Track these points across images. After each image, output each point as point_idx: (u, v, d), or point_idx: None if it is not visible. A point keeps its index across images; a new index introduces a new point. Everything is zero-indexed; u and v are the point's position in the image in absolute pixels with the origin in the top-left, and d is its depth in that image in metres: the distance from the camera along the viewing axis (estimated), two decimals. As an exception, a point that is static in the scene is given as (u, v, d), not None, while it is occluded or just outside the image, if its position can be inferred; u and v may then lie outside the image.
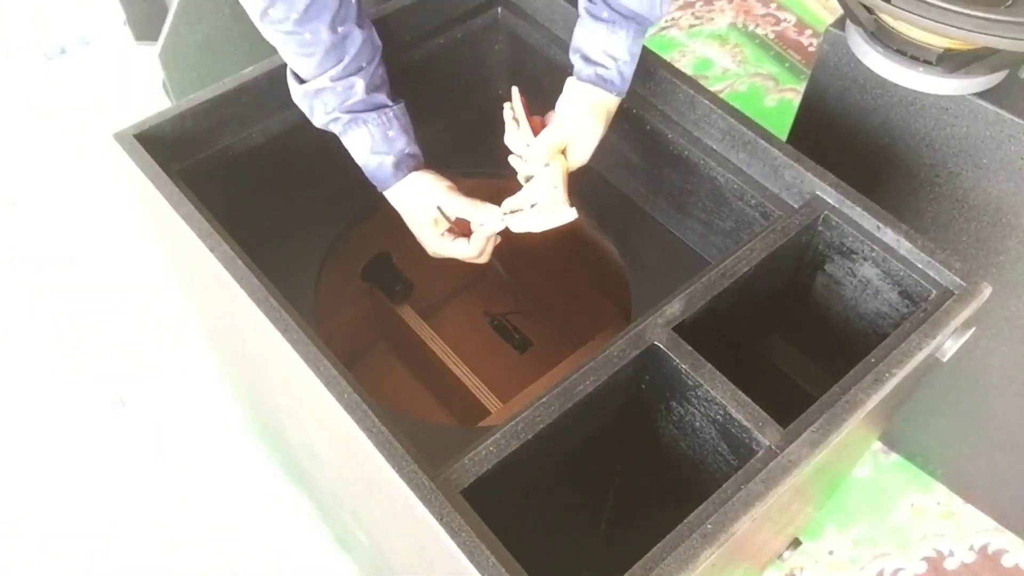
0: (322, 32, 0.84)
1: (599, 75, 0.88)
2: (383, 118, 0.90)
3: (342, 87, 0.87)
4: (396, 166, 0.92)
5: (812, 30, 2.06)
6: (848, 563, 1.31)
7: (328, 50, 0.85)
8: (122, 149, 0.85)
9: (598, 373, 0.71)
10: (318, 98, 0.88)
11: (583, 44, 0.89)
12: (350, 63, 0.86)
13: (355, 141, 0.90)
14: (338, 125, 0.90)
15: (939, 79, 0.91)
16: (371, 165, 0.92)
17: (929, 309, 0.76)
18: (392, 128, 0.91)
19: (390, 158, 0.91)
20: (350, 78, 0.87)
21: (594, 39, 0.88)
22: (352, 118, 0.89)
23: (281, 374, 0.81)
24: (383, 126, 0.91)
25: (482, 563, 0.60)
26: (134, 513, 1.35)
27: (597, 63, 0.88)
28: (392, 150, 0.91)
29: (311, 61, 0.85)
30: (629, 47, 0.87)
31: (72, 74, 1.96)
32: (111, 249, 1.66)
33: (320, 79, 0.86)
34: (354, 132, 0.90)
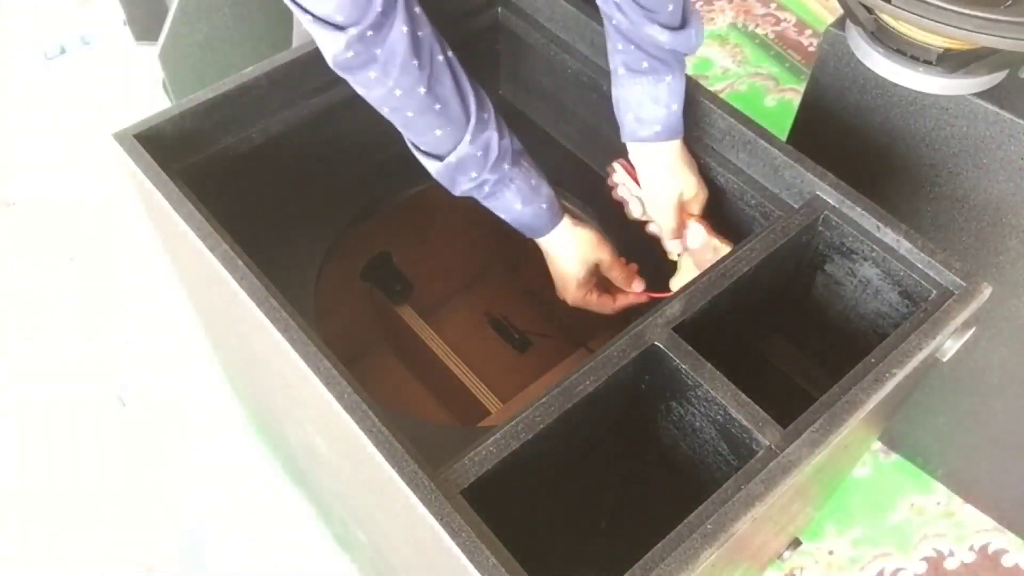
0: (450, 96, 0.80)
1: (658, 132, 0.87)
2: (523, 168, 0.88)
3: (480, 150, 0.84)
4: (550, 210, 0.90)
5: (812, 30, 2.06)
6: (848, 563, 1.31)
7: (458, 115, 0.81)
8: (122, 149, 0.85)
9: (598, 373, 0.71)
10: (460, 168, 0.84)
11: (633, 104, 0.87)
12: (477, 120, 0.83)
13: (505, 200, 0.88)
14: (485, 188, 0.87)
15: (939, 79, 0.91)
16: (525, 218, 0.89)
17: (929, 309, 0.76)
18: (533, 175, 0.89)
19: (543, 205, 0.89)
20: (483, 135, 0.83)
21: (642, 95, 0.86)
22: (498, 178, 0.86)
23: (281, 374, 0.81)
24: (527, 176, 0.88)
25: (482, 563, 0.60)
26: (134, 513, 1.35)
27: (652, 120, 0.87)
28: (541, 196, 0.89)
29: (445, 132, 0.82)
30: (677, 90, 0.86)
31: (72, 74, 1.96)
32: (111, 249, 1.66)
33: (459, 148, 0.83)
34: (503, 192, 0.87)
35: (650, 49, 0.83)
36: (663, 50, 0.83)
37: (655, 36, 0.82)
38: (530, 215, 0.89)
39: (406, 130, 0.84)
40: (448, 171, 0.85)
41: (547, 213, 0.90)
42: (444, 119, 0.81)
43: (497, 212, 0.90)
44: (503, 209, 0.89)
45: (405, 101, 0.79)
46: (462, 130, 0.82)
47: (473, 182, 0.86)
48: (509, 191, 0.87)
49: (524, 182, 0.88)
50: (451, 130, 0.82)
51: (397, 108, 0.80)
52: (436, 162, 0.84)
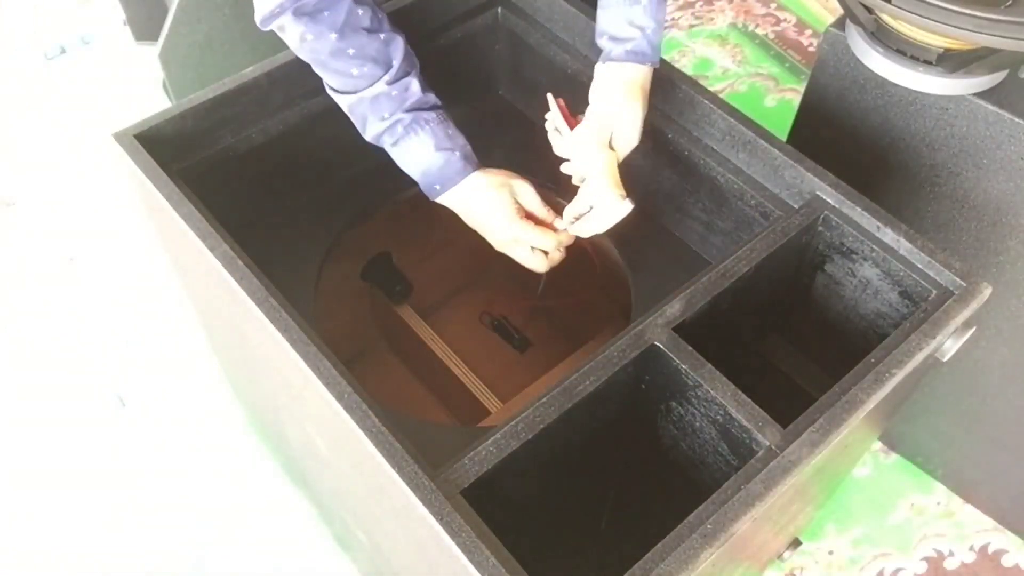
0: (365, 43, 0.83)
1: (628, 50, 0.86)
2: (441, 115, 0.89)
3: (398, 90, 0.85)
4: (465, 159, 0.89)
5: (812, 30, 2.06)
6: (848, 563, 1.31)
7: (376, 58, 0.84)
8: (122, 149, 0.85)
9: (598, 373, 0.71)
10: (374, 105, 0.85)
11: (608, 25, 0.87)
12: (400, 65, 0.85)
13: (418, 143, 0.87)
14: (397, 130, 0.87)
15: (939, 79, 0.91)
16: (436, 165, 0.88)
17: (929, 309, 0.76)
18: (450, 125, 0.89)
19: (456, 153, 0.88)
20: (404, 79, 0.86)
21: (617, 15, 0.86)
22: (414, 118, 0.86)
23: (281, 374, 0.81)
24: (443, 123, 0.88)
25: (482, 563, 0.60)
26: (134, 513, 1.35)
27: (625, 39, 0.86)
28: (456, 145, 0.89)
29: (362, 72, 0.84)
30: (653, 13, 0.86)
31: (72, 74, 1.96)
32: (111, 249, 1.66)
33: (375, 85, 0.85)
34: (417, 134, 0.87)
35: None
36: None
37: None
38: (442, 161, 0.87)
39: (323, 72, 0.85)
40: (361, 107, 0.85)
41: (460, 161, 0.88)
42: (360, 60, 0.83)
43: (406, 164, 0.89)
44: (414, 157, 0.88)
45: (317, 45, 0.82)
46: (382, 70, 0.84)
47: (385, 122, 0.86)
48: (423, 132, 0.87)
49: (440, 128, 0.88)
50: (368, 69, 0.84)
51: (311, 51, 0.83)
52: (350, 96, 0.86)
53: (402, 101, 0.86)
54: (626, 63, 0.87)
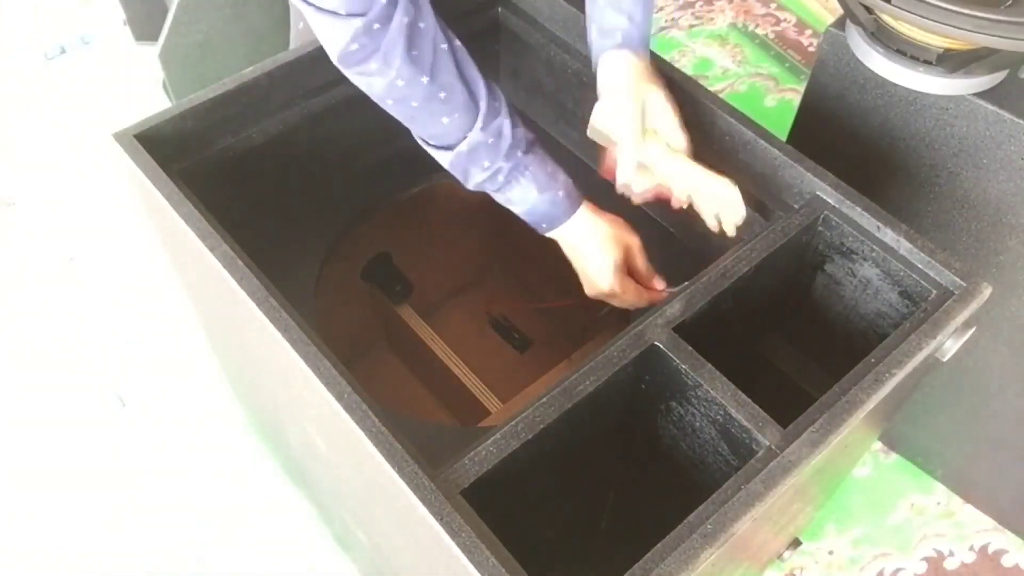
0: (455, 84, 0.79)
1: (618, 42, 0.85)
2: (539, 155, 0.86)
3: (493, 137, 0.82)
4: (568, 197, 0.87)
5: (812, 30, 2.06)
6: (848, 563, 1.31)
7: (466, 102, 0.80)
8: (122, 149, 0.85)
9: (598, 373, 0.71)
10: (472, 157, 0.82)
11: (596, 17, 0.86)
12: (488, 107, 0.81)
13: (521, 189, 0.85)
14: (499, 178, 0.84)
15: (939, 79, 0.91)
16: (542, 206, 0.86)
17: (929, 309, 0.76)
18: (549, 162, 0.86)
19: (560, 192, 0.86)
20: (495, 122, 0.82)
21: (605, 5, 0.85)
22: (513, 166, 0.83)
23: (281, 374, 0.81)
24: (542, 163, 0.86)
25: (482, 563, 0.60)
26: (134, 513, 1.35)
27: (614, 29, 0.85)
28: (558, 183, 0.86)
29: (453, 120, 0.80)
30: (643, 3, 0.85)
31: (72, 74, 1.96)
32: (111, 249, 1.66)
33: (470, 137, 0.81)
34: (517, 179, 0.84)
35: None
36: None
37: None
38: (547, 203, 0.85)
39: (412, 123, 0.82)
40: (460, 161, 0.82)
41: (565, 200, 0.86)
42: (450, 107, 0.80)
43: (512, 205, 0.87)
44: (519, 200, 0.86)
45: (408, 91, 0.78)
46: (472, 117, 0.81)
47: (487, 171, 0.83)
48: (524, 178, 0.84)
49: (540, 168, 0.85)
50: (459, 117, 0.80)
51: (400, 100, 0.79)
52: (447, 153, 0.82)
53: (498, 148, 0.82)
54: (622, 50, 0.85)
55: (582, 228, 0.88)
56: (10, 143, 1.84)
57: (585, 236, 0.88)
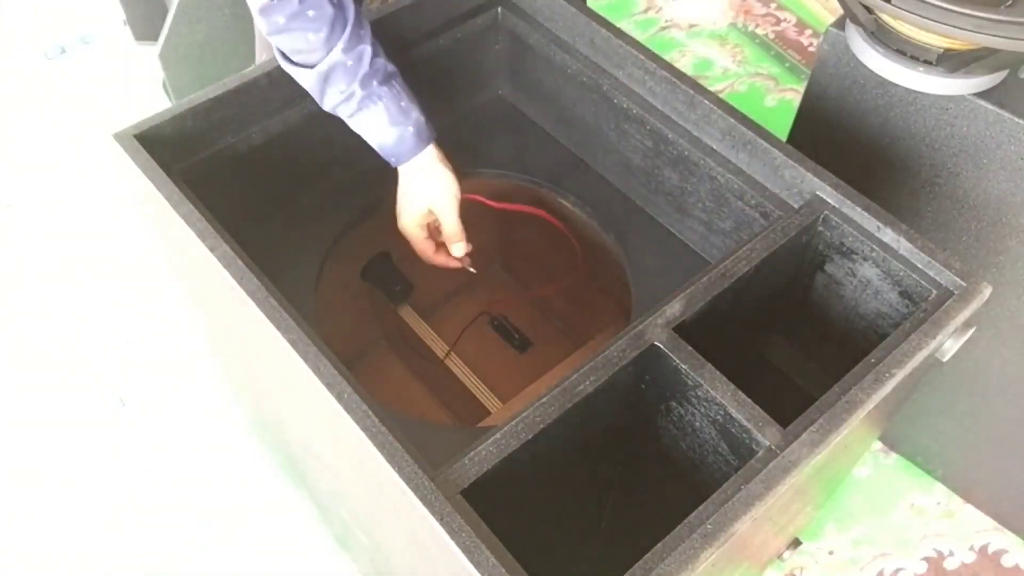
0: (324, 3, 0.82)
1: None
2: (394, 89, 0.89)
3: (352, 59, 0.85)
4: (417, 135, 0.91)
5: (812, 30, 2.06)
6: (848, 563, 1.31)
7: (333, 21, 0.83)
8: (122, 149, 0.85)
9: (598, 373, 0.71)
10: (331, 78, 0.86)
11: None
12: (352, 31, 0.85)
13: (371, 117, 0.89)
14: (351, 103, 0.88)
15: (939, 79, 0.91)
16: (390, 140, 0.90)
17: (929, 309, 0.76)
18: (404, 97, 0.90)
19: (410, 128, 0.90)
20: (358, 47, 0.86)
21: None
22: (367, 94, 0.87)
23: (281, 374, 0.81)
24: (396, 97, 0.89)
25: (482, 563, 0.60)
26: (134, 513, 1.35)
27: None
28: (409, 119, 0.90)
29: (319, 38, 0.83)
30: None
31: (72, 74, 1.96)
32: (111, 249, 1.66)
33: (331, 55, 0.84)
34: (369, 108, 0.88)
35: None
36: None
37: None
38: (395, 137, 0.90)
39: (279, 37, 0.84)
40: (319, 80, 0.86)
41: (413, 138, 0.91)
42: (317, 24, 0.83)
43: (363, 133, 0.91)
44: (369, 129, 0.90)
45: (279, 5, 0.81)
46: (336, 36, 0.84)
47: (342, 95, 0.87)
48: (377, 107, 0.88)
49: (393, 102, 0.89)
50: (325, 35, 0.83)
51: (271, 10, 0.82)
52: (307, 71, 0.86)
53: (355, 72, 0.86)
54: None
55: (416, 167, 0.93)
56: (10, 143, 1.84)
57: (414, 176, 0.94)
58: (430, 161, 0.93)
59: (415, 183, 0.94)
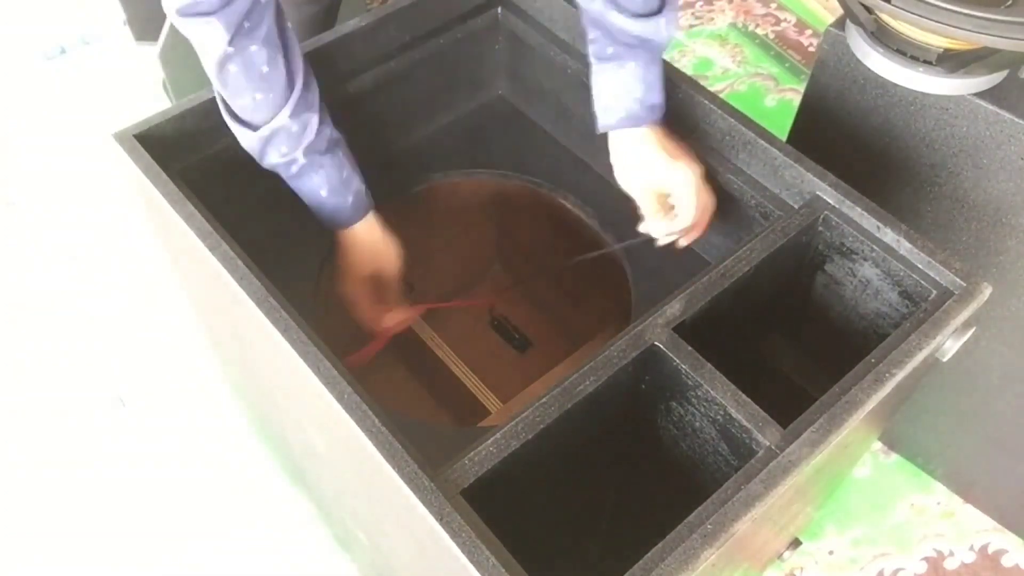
0: (278, 63, 0.80)
1: (622, 119, 0.86)
2: (337, 158, 0.88)
3: (298, 126, 0.83)
4: (354, 206, 0.91)
5: (812, 30, 2.06)
6: (848, 563, 1.31)
7: (283, 85, 0.81)
8: (122, 149, 0.85)
9: (598, 373, 0.71)
10: (272, 142, 0.84)
11: (600, 92, 0.87)
12: (301, 96, 0.83)
13: (310, 184, 0.88)
14: (292, 168, 0.86)
15: (939, 79, 0.91)
16: (327, 208, 0.90)
17: (929, 309, 0.76)
18: (346, 167, 0.89)
19: (348, 199, 0.90)
20: (304, 115, 0.83)
21: (607, 81, 0.85)
22: (308, 162, 0.86)
23: (281, 374, 0.81)
24: (339, 167, 0.88)
25: (482, 563, 0.60)
26: (134, 513, 1.35)
27: (618, 108, 0.86)
28: (349, 190, 0.89)
29: (266, 99, 0.81)
30: (643, 76, 0.84)
31: (72, 74, 1.96)
32: (111, 249, 1.66)
33: (276, 119, 0.82)
34: (310, 176, 0.87)
35: (617, 35, 0.83)
36: (629, 35, 0.82)
37: (620, 23, 0.81)
38: (332, 207, 0.89)
39: (225, 88, 0.82)
40: (260, 143, 0.84)
41: (350, 209, 0.90)
42: (267, 84, 0.80)
43: (301, 194, 0.90)
44: (307, 193, 0.89)
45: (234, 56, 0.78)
46: (282, 100, 0.82)
47: (283, 158, 0.85)
48: (317, 176, 0.87)
49: (335, 171, 0.88)
50: (272, 97, 0.81)
51: (223, 61, 0.78)
52: (249, 131, 0.83)
53: (300, 140, 0.84)
54: (624, 130, 0.87)
55: (355, 237, 0.93)
56: (10, 143, 1.84)
57: (354, 244, 0.93)
58: (370, 231, 0.93)
59: (357, 251, 0.94)
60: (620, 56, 0.84)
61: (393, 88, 1.05)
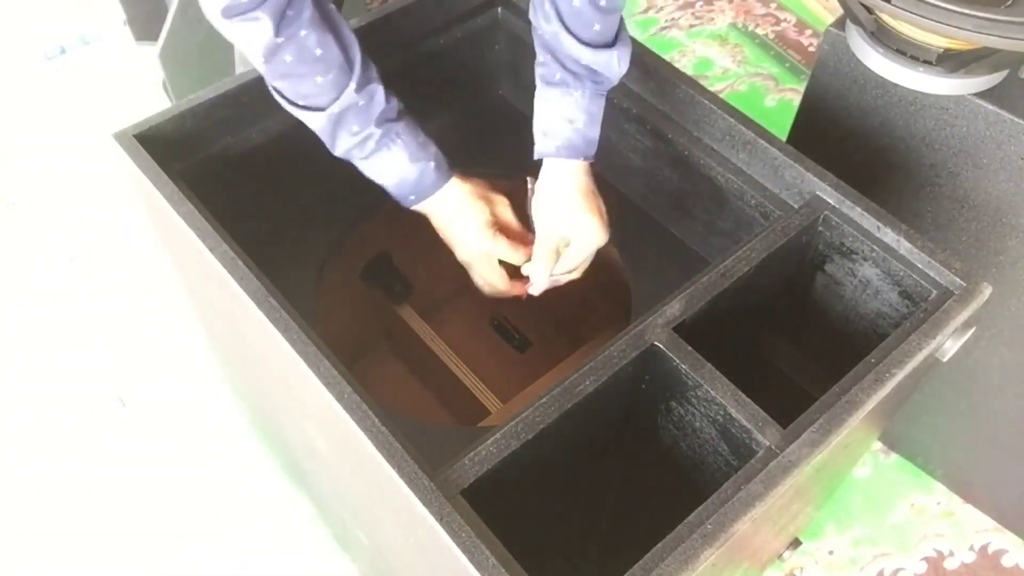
0: (330, 43, 0.78)
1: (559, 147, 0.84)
2: (410, 124, 0.85)
3: (365, 99, 0.81)
4: (439, 169, 0.86)
5: (812, 30, 2.06)
6: (848, 563, 1.31)
7: (341, 63, 0.79)
8: (122, 149, 0.85)
9: (598, 373, 0.71)
10: (343, 120, 0.81)
11: (541, 118, 0.85)
12: (363, 70, 0.81)
13: (391, 156, 0.84)
14: (369, 144, 0.83)
15: (939, 79, 0.91)
16: (411, 177, 0.85)
17: (929, 309, 0.76)
18: (420, 132, 0.86)
19: (431, 164, 0.86)
20: (369, 87, 0.81)
21: (551, 106, 0.84)
22: (384, 132, 0.83)
23: (281, 374, 0.81)
24: (414, 132, 0.85)
25: (482, 563, 0.60)
26: (134, 513, 1.35)
27: (555, 134, 0.84)
28: (429, 155, 0.86)
29: (327, 80, 0.79)
30: (587, 107, 0.83)
31: (72, 74, 1.96)
32: (111, 249, 1.66)
33: (344, 96, 0.80)
34: (389, 148, 0.84)
35: (567, 62, 0.82)
36: (579, 64, 0.81)
37: (572, 50, 0.80)
38: (417, 173, 0.85)
39: (285, 81, 0.80)
40: (331, 123, 0.81)
41: (435, 172, 0.86)
42: (325, 65, 0.78)
43: (380, 176, 0.86)
44: (387, 169, 0.85)
45: (285, 46, 0.76)
46: (346, 78, 0.80)
47: (356, 136, 0.82)
48: (396, 146, 0.84)
49: (411, 138, 0.84)
50: (334, 77, 0.79)
51: (276, 54, 0.77)
52: (318, 114, 0.81)
53: (370, 112, 0.82)
54: (560, 160, 0.85)
55: (448, 194, 0.88)
56: (10, 143, 1.84)
57: (452, 200, 0.88)
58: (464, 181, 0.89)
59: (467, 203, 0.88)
60: (567, 83, 0.83)
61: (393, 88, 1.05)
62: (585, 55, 0.80)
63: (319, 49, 0.78)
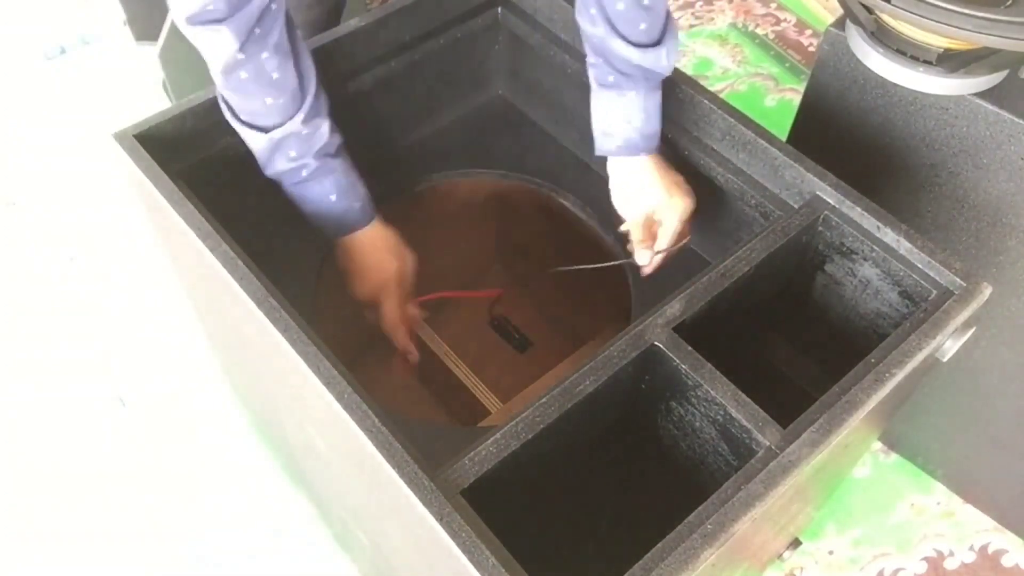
0: (288, 69, 0.79)
1: (620, 147, 0.87)
2: (346, 162, 0.87)
3: (309, 130, 0.82)
4: (363, 210, 0.90)
5: (812, 30, 2.06)
6: (848, 563, 1.31)
7: (294, 90, 0.80)
8: (122, 149, 0.85)
9: (598, 373, 0.71)
10: (282, 147, 0.83)
11: (599, 117, 0.88)
12: (313, 101, 0.82)
13: (320, 189, 0.87)
14: (302, 173, 0.85)
15: (939, 79, 0.91)
16: (336, 212, 0.89)
17: (929, 309, 0.76)
18: (352, 171, 0.89)
19: (357, 202, 0.89)
20: (315, 120, 0.83)
21: (607, 108, 0.86)
22: (320, 165, 0.85)
23: (281, 374, 0.81)
24: (347, 171, 0.87)
25: (482, 563, 0.60)
26: (134, 513, 1.35)
27: (617, 135, 0.87)
28: (356, 194, 0.89)
29: (276, 104, 0.80)
30: (643, 105, 0.85)
31: (72, 74, 1.96)
32: (111, 249, 1.66)
33: (289, 124, 0.81)
34: (320, 180, 0.86)
35: (618, 63, 0.83)
36: (630, 64, 0.83)
37: (622, 51, 0.81)
38: (341, 210, 0.88)
39: (235, 94, 0.81)
40: (270, 145, 0.83)
41: (359, 212, 0.90)
42: (278, 91, 0.80)
43: (303, 204, 0.88)
44: (315, 199, 0.87)
45: (245, 62, 0.77)
46: (295, 106, 0.81)
47: (292, 163, 0.84)
48: (328, 180, 0.86)
49: (344, 175, 0.87)
50: (284, 102, 0.80)
51: (233, 68, 0.78)
52: (259, 134, 0.82)
53: (311, 143, 0.83)
54: (623, 158, 0.88)
55: (369, 240, 0.92)
56: (10, 143, 1.84)
57: (370, 247, 0.93)
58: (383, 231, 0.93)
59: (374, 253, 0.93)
60: (620, 85, 0.84)
61: (393, 88, 1.05)
62: (635, 56, 0.82)
63: (276, 73, 0.79)
